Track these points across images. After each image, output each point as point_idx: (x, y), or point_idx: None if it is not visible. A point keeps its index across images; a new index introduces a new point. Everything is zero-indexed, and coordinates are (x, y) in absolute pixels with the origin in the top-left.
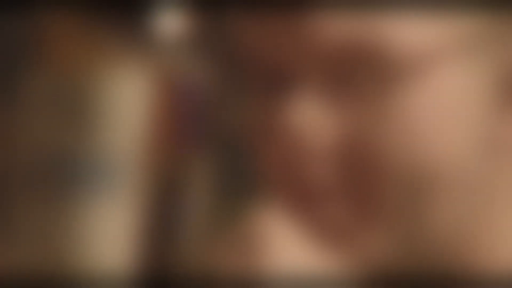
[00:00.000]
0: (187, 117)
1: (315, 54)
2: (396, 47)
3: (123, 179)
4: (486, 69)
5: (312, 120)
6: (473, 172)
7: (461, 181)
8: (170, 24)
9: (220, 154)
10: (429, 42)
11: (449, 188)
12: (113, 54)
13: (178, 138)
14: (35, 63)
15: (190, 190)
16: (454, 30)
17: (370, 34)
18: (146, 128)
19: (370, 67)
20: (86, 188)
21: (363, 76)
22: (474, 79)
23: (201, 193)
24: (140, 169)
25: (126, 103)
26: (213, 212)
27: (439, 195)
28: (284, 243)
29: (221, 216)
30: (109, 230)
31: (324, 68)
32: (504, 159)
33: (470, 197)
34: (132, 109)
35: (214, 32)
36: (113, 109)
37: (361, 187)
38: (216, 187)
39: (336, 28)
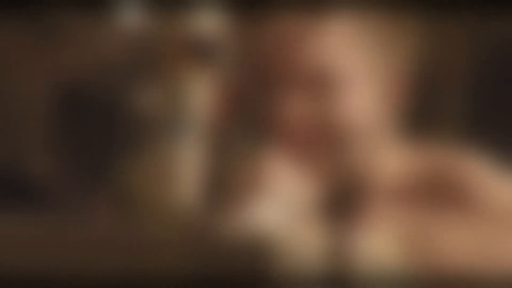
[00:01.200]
0: (229, 100)
1: (297, 69)
2: (331, 69)
3: (196, 134)
4: (378, 79)
5: (295, 108)
6: (367, 133)
7: (361, 139)
8: (215, 33)
9: (248, 126)
10: (350, 64)
11: (355, 142)
12: (190, 62)
13: (225, 114)
14: (149, 71)
15: (231, 141)
16: (363, 56)
17: (317, 61)
18: (208, 108)
19: (317, 79)
20: (177, 137)
21: (314, 83)
22: (373, 86)
23: (238, 143)
24: (204, 129)
25: (198, 93)
26: (244, 152)
27: (350, 144)
28: (284, 170)
29: (248, 154)
30: (186, 164)
31: (300, 77)
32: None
33: (365, 146)
34: (202, 96)
35: (242, 36)
36: (192, 96)
37: (322, 141)
38: (246, 141)
39: (304, 56)
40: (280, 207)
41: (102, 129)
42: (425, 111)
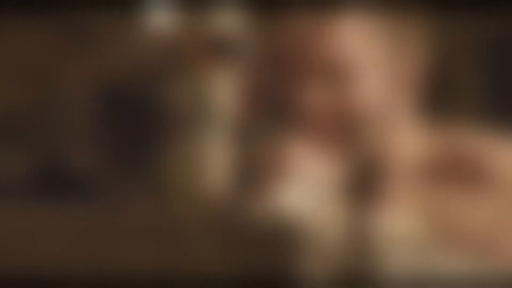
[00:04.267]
0: (252, 93)
1: (315, 61)
2: (348, 58)
3: (224, 126)
4: (393, 68)
5: (316, 97)
6: (385, 117)
7: (380, 123)
8: (236, 30)
9: (272, 116)
10: (365, 52)
11: (374, 126)
12: (214, 59)
13: (249, 105)
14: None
15: (257, 131)
16: (378, 42)
17: (334, 52)
18: (233, 100)
19: (335, 68)
20: (207, 129)
21: (332, 72)
22: (389, 73)
23: (263, 132)
24: (231, 120)
25: (223, 87)
26: (269, 140)
27: (370, 128)
28: (307, 155)
29: (272, 142)
30: (216, 153)
31: (318, 68)
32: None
33: (383, 129)
34: (227, 90)
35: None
36: (218, 90)
37: (342, 126)
38: (270, 130)
39: (321, 49)
40: (306, 190)
41: (138, 124)
42: (441, 94)
